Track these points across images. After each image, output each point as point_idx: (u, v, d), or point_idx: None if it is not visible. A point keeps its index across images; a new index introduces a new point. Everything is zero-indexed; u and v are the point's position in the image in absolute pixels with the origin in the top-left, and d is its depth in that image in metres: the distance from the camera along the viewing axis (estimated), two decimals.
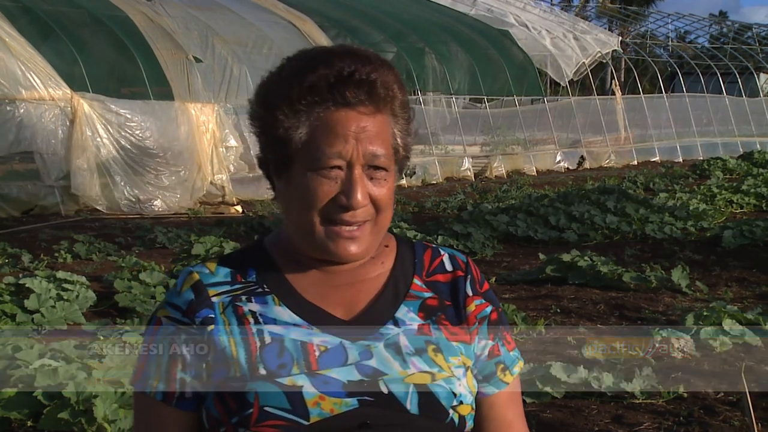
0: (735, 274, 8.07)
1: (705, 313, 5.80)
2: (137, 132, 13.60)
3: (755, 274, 8.01)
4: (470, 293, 1.49)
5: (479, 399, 1.49)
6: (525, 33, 23.02)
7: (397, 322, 1.42)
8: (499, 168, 20.07)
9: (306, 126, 1.37)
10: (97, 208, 12.99)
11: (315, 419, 1.32)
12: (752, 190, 13.91)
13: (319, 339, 1.38)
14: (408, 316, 1.43)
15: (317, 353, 1.36)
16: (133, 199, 13.25)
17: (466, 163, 19.54)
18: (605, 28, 34.26)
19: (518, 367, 1.53)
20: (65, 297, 6.36)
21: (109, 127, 13.27)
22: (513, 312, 6.18)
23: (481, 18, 23.27)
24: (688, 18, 38.53)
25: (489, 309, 1.50)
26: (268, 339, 1.37)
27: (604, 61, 25.24)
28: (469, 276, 1.50)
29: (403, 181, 17.45)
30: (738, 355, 5.42)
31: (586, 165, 22.42)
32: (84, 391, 3.99)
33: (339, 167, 1.36)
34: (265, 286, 1.43)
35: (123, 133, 13.44)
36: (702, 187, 14.99)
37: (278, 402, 1.32)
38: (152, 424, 1.43)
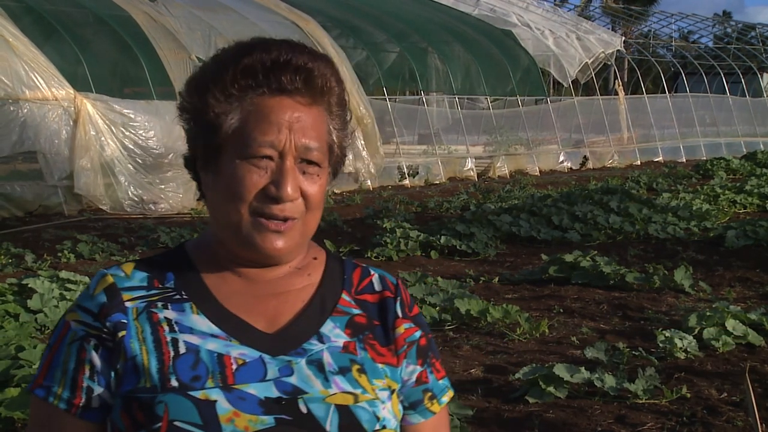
0: (738, 274, 8.06)
1: (708, 314, 5.80)
2: (140, 132, 13.61)
3: (758, 274, 8.00)
4: (400, 315, 1.41)
5: (405, 427, 1.43)
6: (528, 33, 23.01)
7: (321, 338, 1.35)
8: (502, 168, 20.07)
9: (238, 112, 1.30)
10: (101, 208, 13.00)
11: None
12: (755, 190, 13.91)
13: (238, 351, 1.30)
14: (334, 332, 1.36)
15: (234, 366, 1.28)
16: (137, 199, 13.26)
17: (469, 163, 19.53)
18: (608, 28, 34.24)
19: (447, 396, 1.46)
20: (68, 297, 6.37)
21: (112, 127, 13.28)
22: (516, 312, 6.18)
23: (483, 18, 23.26)
24: (692, 18, 38.53)
25: (418, 334, 1.43)
26: (182, 349, 1.29)
27: (608, 62, 25.23)
28: (398, 297, 1.43)
29: (406, 181, 17.46)
30: (741, 356, 5.42)
31: (589, 165, 22.41)
32: None
33: (270, 157, 1.29)
34: (183, 293, 1.35)
35: (126, 133, 13.45)
36: (705, 187, 14.98)
37: (189, 416, 1.24)
38: None
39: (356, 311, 1.40)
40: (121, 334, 1.31)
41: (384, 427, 1.33)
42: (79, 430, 1.32)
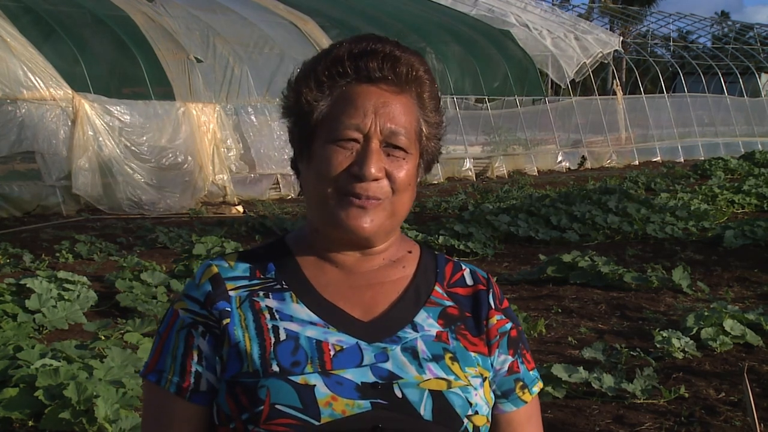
0: (736, 274, 8.07)
1: (706, 314, 5.80)
2: (138, 132, 13.61)
3: (757, 274, 8.01)
4: (492, 306, 1.47)
5: (497, 415, 1.47)
6: (526, 33, 23.01)
7: (415, 327, 1.39)
8: (501, 168, 20.08)
9: (328, 99, 1.37)
10: (99, 208, 13.00)
11: (326, 420, 1.29)
12: (753, 191, 13.91)
13: (335, 338, 1.36)
14: (427, 321, 1.41)
15: (332, 352, 1.34)
16: (135, 199, 13.26)
17: (468, 164, 19.54)
18: (606, 28, 34.24)
19: (537, 386, 1.51)
20: (66, 297, 6.37)
21: (110, 127, 13.28)
22: (514, 312, 6.17)
23: (481, 18, 23.26)
24: (690, 18, 38.53)
25: (509, 325, 1.49)
26: (283, 336, 1.35)
27: (605, 61, 25.23)
28: (491, 290, 1.49)
29: None
30: (739, 356, 5.42)
31: (588, 165, 22.42)
32: (85, 391, 3.99)
33: (356, 140, 1.35)
34: (283, 283, 1.41)
35: (124, 133, 13.45)
36: (703, 187, 14.99)
37: (290, 400, 1.30)
38: (163, 417, 1.40)
39: (448, 303, 1.45)
40: (225, 321, 1.38)
41: (476, 412, 1.37)
42: (188, 413, 1.39)
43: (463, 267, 1.51)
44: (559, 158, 22.08)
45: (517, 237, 10.20)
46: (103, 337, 5.53)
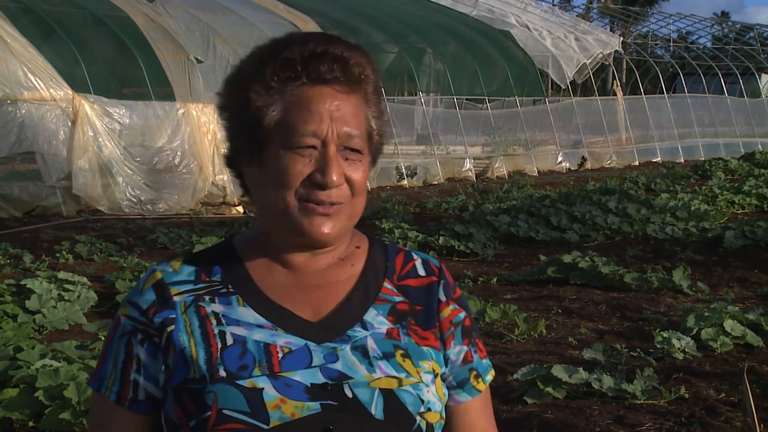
0: (736, 274, 8.07)
1: (706, 314, 5.80)
2: (138, 133, 13.60)
3: (757, 275, 8.01)
4: (443, 298, 1.45)
5: (452, 406, 1.46)
6: (526, 33, 23.02)
7: (365, 325, 1.38)
8: (501, 168, 20.07)
9: (279, 104, 1.34)
10: (99, 208, 12.99)
11: (275, 423, 1.28)
12: (754, 191, 13.91)
13: (284, 340, 1.34)
14: (377, 319, 1.39)
15: (280, 355, 1.32)
16: (135, 200, 13.26)
17: (468, 164, 19.53)
18: (606, 29, 34.24)
19: (490, 375, 1.50)
20: (66, 297, 6.37)
21: (110, 127, 13.27)
22: (514, 312, 6.18)
23: (482, 18, 23.26)
24: (690, 18, 38.54)
25: (462, 315, 1.46)
26: (230, 341, 1.33)
27: (606, 62, 25.23)
28: (442, 281, 1.46)
29: (404, 182, 17.46)
30: (739, 356, 5.42)
31: (588, 165, 22.41)
32: (85, 391, 3.99)
33: (313, 146, 1.33)
34: (229, 286, 1.39)
35: (124, 134, 13.45)
36: (703, 187, 14.99)
37: (237, 405, 1.28)
38: (105, 424, 1.39)
39: (398, 299, 1.43)
40: (170, 328, 1.36)
41: (429, 409, 1.36)
42: (128, 421, 1.38)
43: (415, 257, 1.49)
44: (560, 159, 22.08)
45: (518, 237, 10.20)
46: (103, 338, 5.52)
